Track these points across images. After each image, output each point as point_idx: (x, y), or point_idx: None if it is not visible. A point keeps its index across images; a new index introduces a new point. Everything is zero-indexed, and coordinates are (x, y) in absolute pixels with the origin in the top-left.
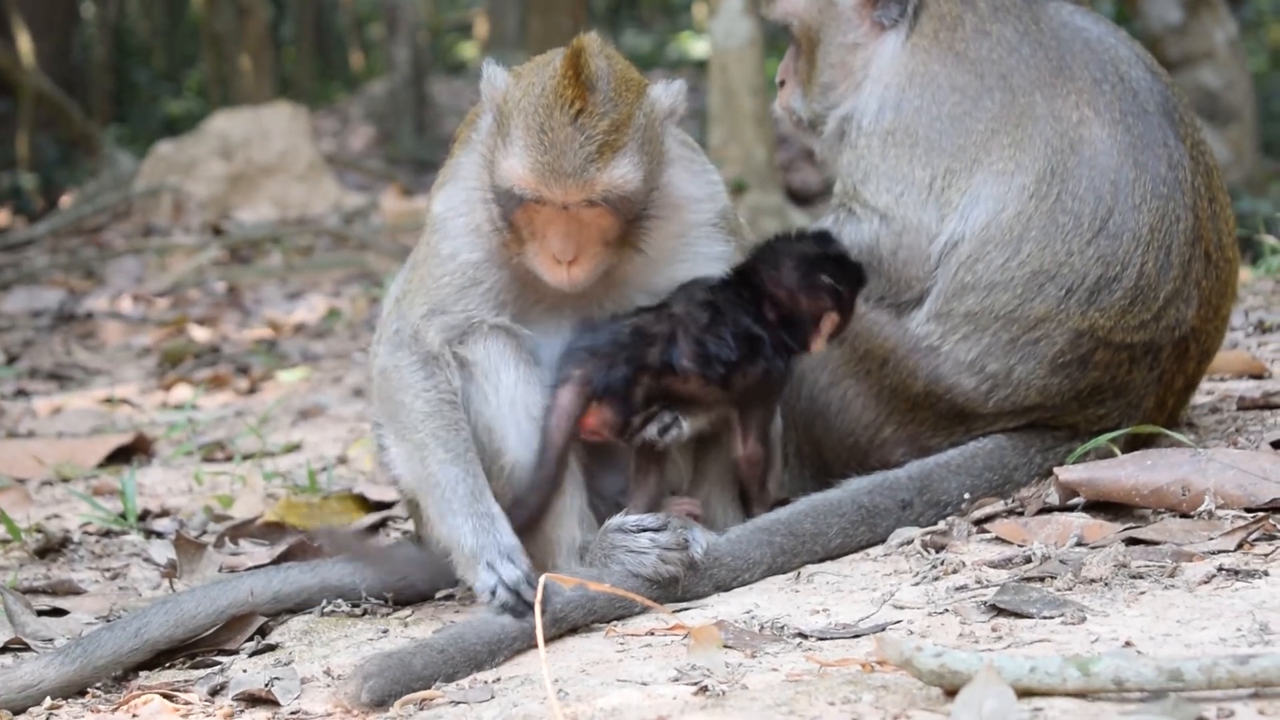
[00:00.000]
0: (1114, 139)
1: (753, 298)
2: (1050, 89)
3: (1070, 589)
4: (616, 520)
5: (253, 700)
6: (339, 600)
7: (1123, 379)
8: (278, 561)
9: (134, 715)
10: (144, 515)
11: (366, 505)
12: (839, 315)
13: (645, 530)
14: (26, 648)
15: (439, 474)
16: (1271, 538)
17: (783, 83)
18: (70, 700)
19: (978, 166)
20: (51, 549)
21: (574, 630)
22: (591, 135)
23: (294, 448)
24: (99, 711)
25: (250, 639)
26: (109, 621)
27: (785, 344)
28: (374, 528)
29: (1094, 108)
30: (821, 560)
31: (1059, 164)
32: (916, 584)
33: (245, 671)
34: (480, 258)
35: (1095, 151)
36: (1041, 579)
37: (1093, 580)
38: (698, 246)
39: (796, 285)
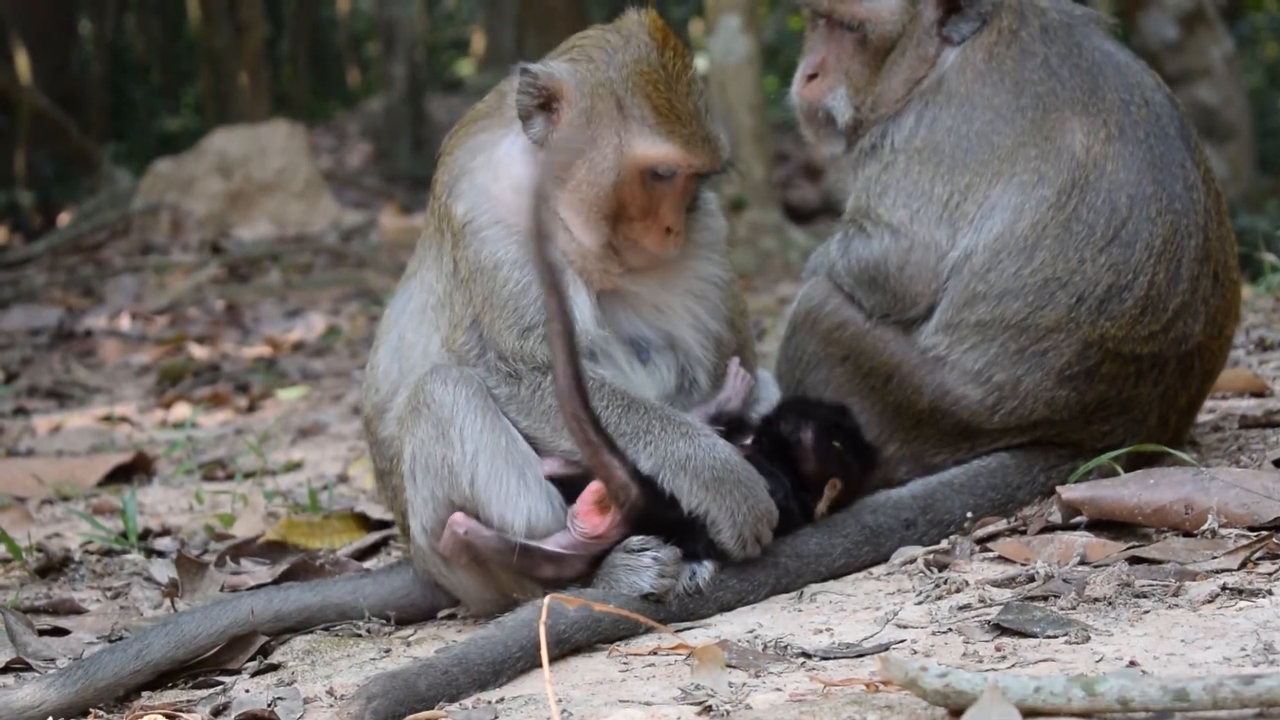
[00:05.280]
0: (1136, 157)
1: (777, 447)
2: (1083, 106)
3: (1074, 608)
4: (623, 544)
5: None
6: (341, 619)
7: (1128, 393)
8: (279, 581)
9: None
10: (145, 534)
11: (368, 524)
12: (843, 483)
13: (648, 550)
14: (28, 668)
15: (684, 449)
16: (1275, 557)
17: (813, 76)
18: None
19: (999, 179)
20: (52, 568)
21: (577, 650)
22: (704, 101)
23: (294, 466)
24: None
25: (252, 658)
26: (110, 641)
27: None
28: (374, 547)
29: (1120, 127)
30: (825, 579)
31: (1081, 177)
32: (920, 603)
33: (248, 691)
34: (521, 253)
35: (1118, 167)
36: (1045, 598)
37: (1096, 599)
38: (696, 268)
39: (812, 447)
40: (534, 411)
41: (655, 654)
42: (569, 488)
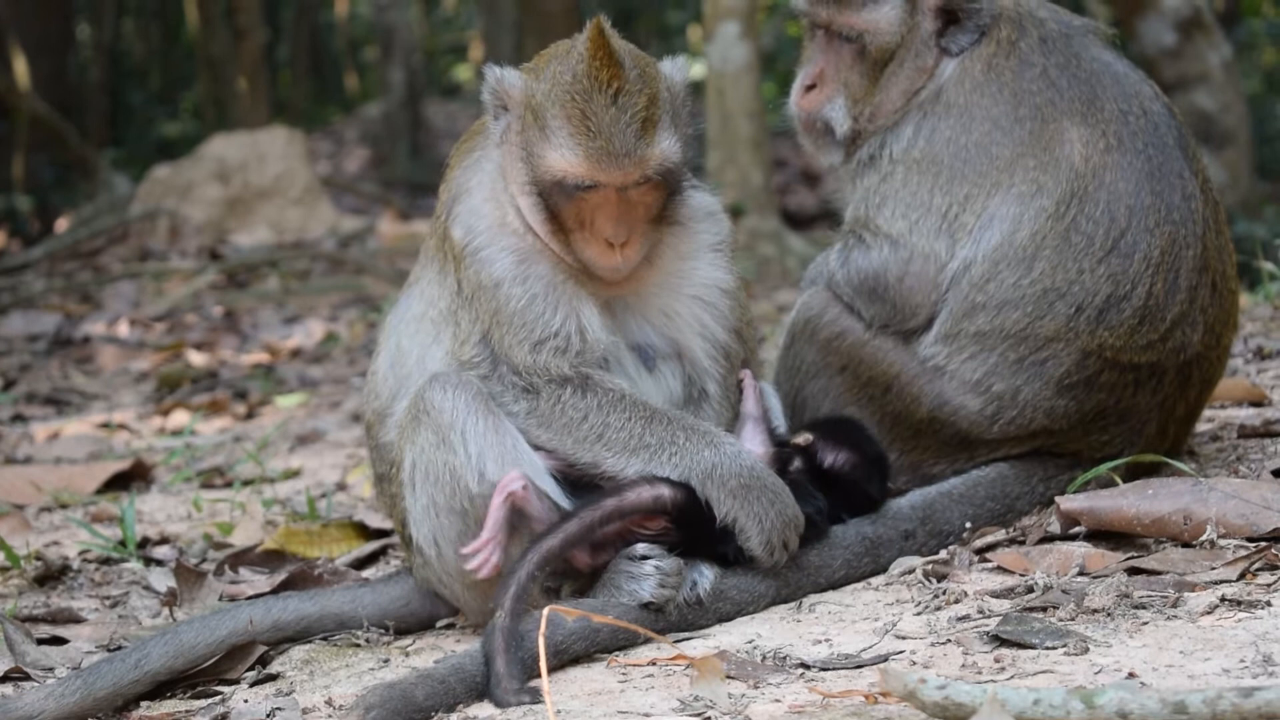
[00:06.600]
0: (1134, 167)
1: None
2: (1081, 118)
3: (1073, 619)
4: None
5: None
6: (340, 629)
7: (1127, 402)
8: (278, 590)
9: None
10: (143, 542)
11: (367, 533)
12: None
13: (650, 559)
14: (26, 677)
15: (709, 459)
16: (1274, 568)
17: (811, 87)
18: None
19: (997, 189)
20: (51, 577)
21: (576, 661)
22: (634, 113)
23: (293, 474)
24: None
25: (251, 668)
26: (109, 650)
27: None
28: (373, 556)
29: (1119, 137)
30: (824, 590)
31: (1080, 187)
32: (918, 614)
33: (246, 701)
34: (519, 269)
35: (1116, 177)
36: (1044, 609)
37: (1095, 610)
38: (702, 272)
39: (842, 465)
40: (554, 424)
41: (654, 664)
42: (574, 484)
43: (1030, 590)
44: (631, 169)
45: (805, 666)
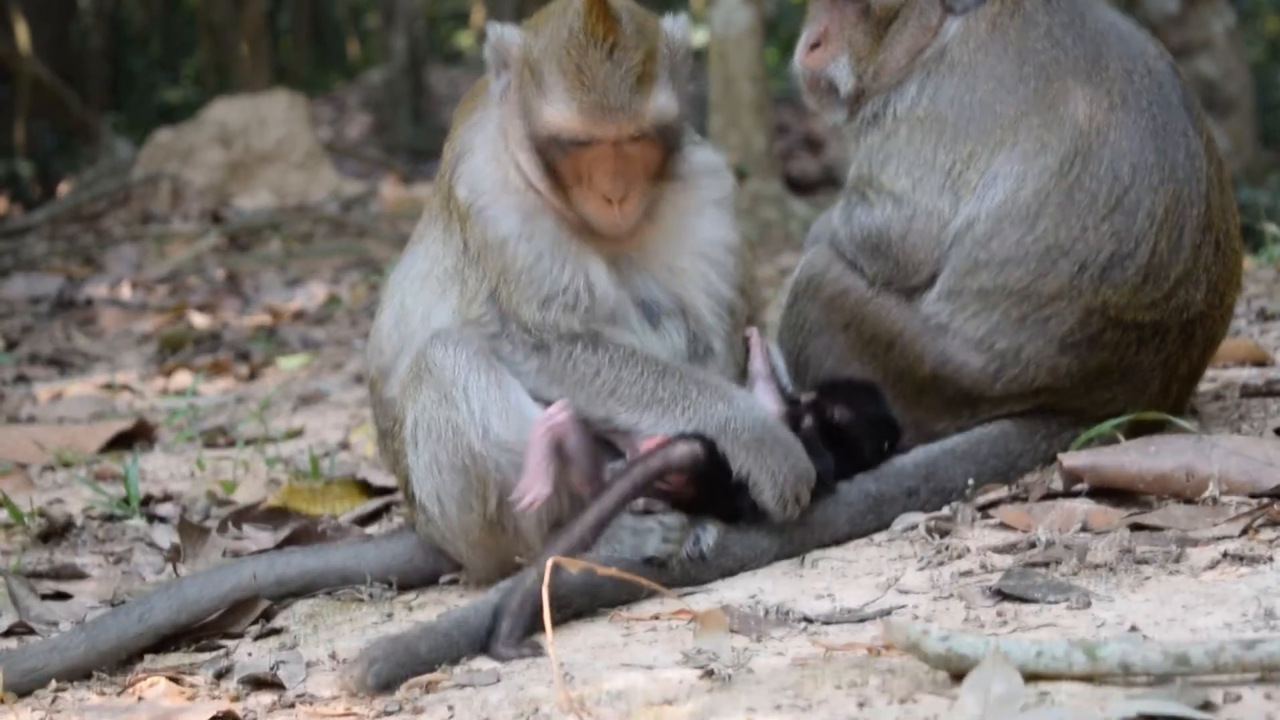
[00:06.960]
0: (1138, 125)
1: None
2: (1085, 76)
3: (1075, 574)
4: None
5: (258, 683)
6: (343, 584)
7: (1130, 360)
8: (281, 546)
9: (139, 698)
10: (146, 500)
11: (369, 490)
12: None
13: (653, 514)
14: (31, 631)
15: (723, 413)
16: (1276, 524)
17: (815, 45)
18: (76, 683)
19: (1001, 147)
20: (54, 533)
21: (579, 614)
22: (629, 68)
23: (295, 433)
24: (105, 694)
25: (255, 622)
26: (113, 605)
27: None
28: (376, 513)
29: (1123, 95)
30: (827, 546)
31: (1084, 145)
32: (921, 569)
33: (250, 655)
34: (525, 227)
35: (1120, 136)
36: (1046, 564)
37: (1098, 566)
38: (706, 229)
39: (849, 424)
40: (566, 380)
41: (657, 619)
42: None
43: (1033, 546)
44: (626, 123)
45: (808, 620)
